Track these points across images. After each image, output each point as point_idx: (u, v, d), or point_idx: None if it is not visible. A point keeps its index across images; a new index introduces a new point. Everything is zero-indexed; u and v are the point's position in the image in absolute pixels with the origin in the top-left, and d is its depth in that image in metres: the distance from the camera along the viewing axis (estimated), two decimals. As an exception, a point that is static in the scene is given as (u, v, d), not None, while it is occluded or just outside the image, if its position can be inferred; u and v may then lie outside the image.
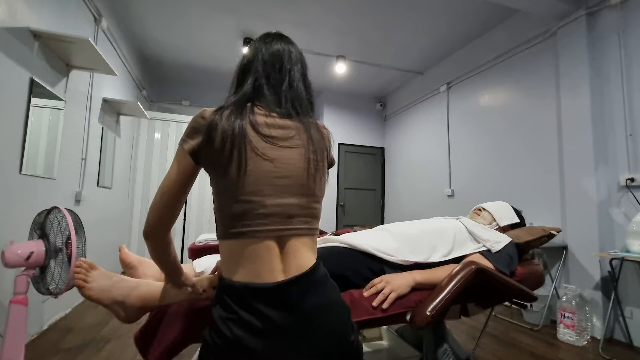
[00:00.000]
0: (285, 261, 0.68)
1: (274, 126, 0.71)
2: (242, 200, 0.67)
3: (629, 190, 2.21)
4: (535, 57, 2.91)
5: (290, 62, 0.78)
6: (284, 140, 0.71)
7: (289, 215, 0.69)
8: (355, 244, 1.11)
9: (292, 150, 0.71)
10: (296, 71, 0.78)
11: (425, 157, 4.37)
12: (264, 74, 0.75)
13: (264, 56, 0.77)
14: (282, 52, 0.78)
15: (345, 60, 4.01)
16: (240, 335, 0.62)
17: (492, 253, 1.20)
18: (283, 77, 0.76)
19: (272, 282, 0.65)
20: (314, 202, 0.74)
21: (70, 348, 1.91)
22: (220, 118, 0.68)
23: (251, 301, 0.64)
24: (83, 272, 0.83)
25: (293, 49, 0.80)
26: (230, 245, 0.68)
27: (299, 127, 0.73)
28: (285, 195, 0.69)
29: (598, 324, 2.24)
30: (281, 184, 0.69)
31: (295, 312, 0.65)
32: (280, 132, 0.71)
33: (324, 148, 0.77)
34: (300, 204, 0.71)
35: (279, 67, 0.76)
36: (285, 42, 0.80)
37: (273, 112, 0.72)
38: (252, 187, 0.67)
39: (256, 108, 0.72)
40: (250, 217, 0.67)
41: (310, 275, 0.69)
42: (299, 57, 0.81)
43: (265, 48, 0.78)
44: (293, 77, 0.77)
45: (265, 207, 0.67)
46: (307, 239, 0.72)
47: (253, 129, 0.68)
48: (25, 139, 1.82)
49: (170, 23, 3.41)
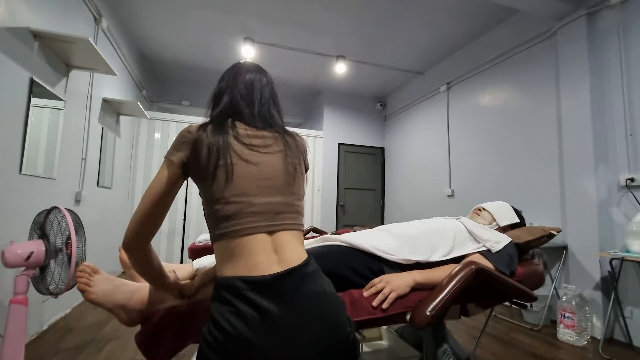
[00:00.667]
0: (279, 253, 0.72)
1: (254, 136, 0.78)
2: (232, 202, 0.71)
3: (629, 190, 2.21)
4: (536, 57, 2.91)
5: (260, 85, 0.87)
6: (264, 147, 0.78)
7: (276, 212, 0.74)
8: (354, 243, 1.11)
9: (272, 156, 0.78)
10: (266, 92, 0.87)
11: (425, 157, 4.38)
12: (238, 93, 0.84)
13: (237, 83, 0.86)
14: (254, 80, 0.87)
15: (345, 60, 4.01)
16: (239, 327, 0.63)
17: (492, 253, 1.20)
18: (255, 97, 0.85)
19: (268, 274, 0.68)
20: (297, 199, 0.80)
21: (70, 348, 1.91)
22: (206, 133, 0.74)
23: (248, 293, 0.66)
24: (86, 277, 0.84)
25: (264, 77, 0.90)
26: (224, 244, 0.71)
27: (275, 137, 0.81)
28: (272, 194, 0.75)
29: (598, 324, 2.24)
30: (266, 185, 0.75)
31: (292, 304, 0.67)
32: (260, 140, 0.78)
33: (300, 153, 0.85)
34: (286, 201, 0.76)
35: (251, 90, 0.86)
36: (257, 72, 0.89)
37: (251, 126, 0.80)
38: (240, 189, 0.72)
39: (237, 122, 0.79)
40: (240, 215, 0.71)
41: (304, 267, 0.72)
42: (269, 82, 0.90)
43: (240, 78, 0.87)
44: (264, 97, 0.86)
45: (254, 206, 0.72)
46: (296, 232, 0.77)
47: (236, 139, 0.75)
48: (25, 139, 1.82)
49: (170, 23, 3.41)
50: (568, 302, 2.22)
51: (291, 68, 4.40)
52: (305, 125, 5.73)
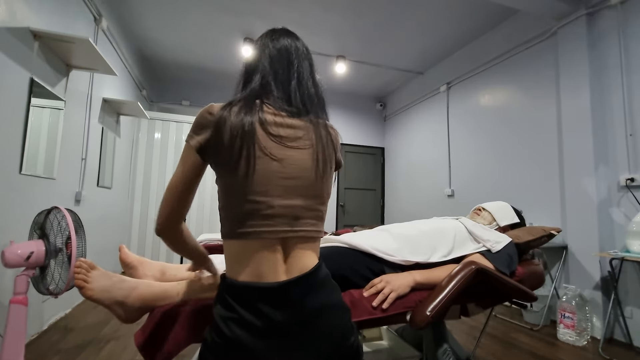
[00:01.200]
0: (288, 262, 0.68)
1: (282, 125, 0.70)
2: (249, 200, 0.66)
3: (629, 190, 2.21)
4: (535, 57, 2.91)
5: (297, 58, 0.76)
6: (292, 140, 0.70)
7: (295, 216, 0.68)
8: (355, 243, 1.11)
9: (300, 151, 0.70)
10: (304, 68, 0.76)
11: (425, 157, 4.37)
12: (271, 71, 0.74)
13: (270, 52, 0.75)
14: (289, 48, 0.76)
15: (345, 60, 4.01)
16: (241, 335, 0.62)
17: (492, 253, 1.20)
18: (291, 74, 0.74)
19: (274, 282, 0.65)
20: (320, 203, 0.73)
21: (70, 348, 1.91)
22: (229, 114, 0.66)
23: (253, 301, 0.64)
24: (83, 273, 0.83)
25: (300, 44, 0.79)
26: (235, 245, 0.68)
27: (307, 127, 0.72)
28: (292, 196, 0.68)
29: (598, 324, 2.24)
30: (288, 185, 0.68)
31: (296, 313, 0.65)
32: (288, 131, 0.70)
33: (332, 149, 0.76)
34: (307, 205, 0.70)
35: (287, 64, 0.75)
36: (292, 38, 0.79)
37: (282, 111, 0.71)
38: (260, 187, 0.66)
39: (265, 106, 0.70)
40: (256, 217, 0.66)
41: (312, 276, 0.69)
42: (307, 54, 0.79)
43: (272, 44, 0.76)
44: (301, 74, 0.75)
45: (272, 208, 0.66)
46: (312, 241, 0.72)
47: (262, 127, 0.67)
48: (25, 139, 1.82)
49: (170, 23, 3.41)
50: (568, 302, 2.22)
51: (291, 68, 4.40)
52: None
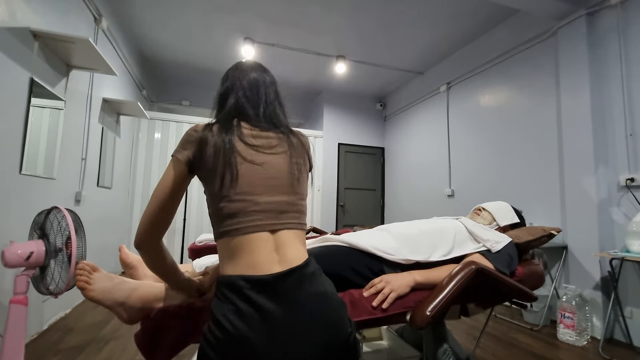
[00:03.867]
0: (280, 252, 0.72)
1: (258, 137, 0.79)
2: (236, 200, 0.72)
3: (629, 190, 2.21)
4: (535, 57, 2.91)
5: (265, 86, 0.88)
6: (269, 148, 0.79)
7: (280, 211, 0.75)
8: (354, 243, 1.11)
9: (276, 156, 0.79)
10: (271, 92, 0.88)
11: (425, 157, 4.38)
12: (244, 97, 0.84)
13: (242, 82, 0.86)
14: (258, 81, 0.88)
15: (345, 60, 4.01)
16: (240, 327, 0.63)
17: (492, 253, 1.20)
18: (260, 99, 0.86)
19: (269, 274, 0.68)
20: (300, 199, 0.81)
21: (70, 348, 1.91)
22: (212, 133, 0.75)
23: (248, 292, 0.66)
24: (85, 274, 0.84)
25: (267, 77, 0.90)
26: (227, 242, 0.72)
27: (280, 137, 0.82)
28: (276, 193, 0.75)
29: (598, 324, 2.24)
30: (271, 184, 0.75)
31: (292, 303, 0.67)
32: (264, 141, 0.79)
33: (304, 152, 0.86)
34: (289, 201, 0.77)
35: (257, 92, 0.86)
36: (260, 72, 0.90)
37: (256, 127, 0.81)
38: (245, 187, 0.73)
39: (242, 123, 0.80)
40: (244, 214, 0.72)
41: (305, 267, 0.72)
42: (272, 83, 0.91)
43: (244, 77, 0.87)
44: (268, 98, 0.87)
45: (258, 204, 0.73)
46: (299, 232, 0.78)
47: (241, 140, 0.76)
48: (25, 139, 1.82)
49: (170, 23, 3.41)
50: (568, 302, 2.22)
51: (291, 68, 4.40)
52: (305, 125, 5.73)
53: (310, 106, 5.73)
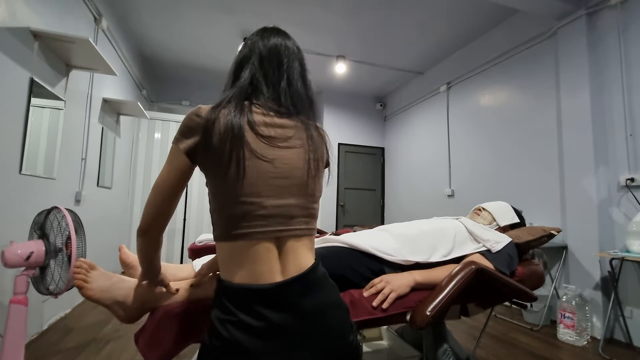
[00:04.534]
0: (283, 262, 0.68)
1: (272, 125, 0.69)
2: (241, 202, 0.65)
3: (629, 190, 2.21)
4: (535, 57, 2.91)
5: (288, 58, 0.75)
6: (283, 140, 0.69)
7: (289, 215, 0.68)
8: (355, 243, 1.11)
9: (291, 151, 0.69)
10: (294, 68, 0.76)
11: (425, 157, 4.37)
12: (261, 70, 0.73)
13: (261, 51, 0.74)
14: (280, 47, 0.75)
15: (345, 60, 4.01)
16: (239, 337, 0.61)
17: (492, 253, 1.20)
18: (281, 74, 0.73)
19: (271, 283, 0.65)
20: (312, 202, 0.74)
21: (70, 348, 1.91)
22: (217, 117, 0.66)
23: (250, 303, 0.63)
24: (83, 273, 0.82)
25: (291, 44, 0.78)
26: (229, 247, 0.67)
27: (297, 126, 0.72)
28: (285, 195, 0.68)
29: (598, 324, 2.24)
30: (280, 185, 0.68)
31: (294, 313, 0.65)
32: (279, 131, 0.69)
33: (323, 148, 0.77)
34: (300, 204, 0.70)
35: (277, 64, 0.74)
36: (283, 37, 0.78)
37: (271, 111, 0.70)
38: (251, 188, 0.65)
39: (254, 107, 0.70)
40: (249, 218, 0.65)
41: (308, 275, 0.68)
42: (297, 54, 0.78)
43: (263, 43, 0.75)
44: (291, 74, 0.75)
45: (265, 209, 0.66)
46: (306, 239, 0.72)
47: (251, 129, 0.66)
48: (25, 139, 1.82)
49: (170, 23, 3.41)
50: (568, 302, 2.22)
51: (291, 68, 4.40)
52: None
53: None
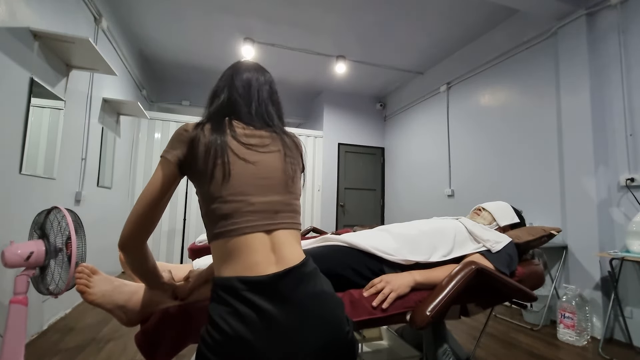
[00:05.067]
0: (277, 252, 0.71)
1: (252, 136, 0.78)
2: (230, 200, 0.71)
3: (629, 190, 2.21)
4: (535, 57, 2.91)
5: (258, 85, 0.86)
6: (262, 147, 0.78)
7: (274, 211, 0.74)
8: (354, 243, 1.11)
9: (270, 155, 0.77)
10: (264, 91, 0.87)
11: (425, 157, 4.38)
12: (236, 93, 0.84)
13: (235, 81, 0.85)
14: (251, 79, 0.86)
15: (345, 60, 4.01)
16: (238, 328, 0.63)
17: (492, 253, 1.20)
18: (252, 96, 0.84)
19: (266, 275, 0.67)
20: (294, 199, 0.80)
21: (70, 348, 1.91)
22: (203, 132, 0.74)
23: (246, 293, 0.65)
24: (85, 278, 0.83)
25: (261, 76, 0.89)
26: (222, 244, 0.71)
27: (273, 136, 0.81)
28: (269, 193, 0.74)
29: (598, 324, 2.24)
30: (264, 184, 0.74)
31: (290, 304, 0.66)
32: (257, 140, 0.78)
33: (298, 153, 0.86)
34: (283, 200, 0.76)
35: (249, 89, 0.85)
36: (255, 72, 0.89)
37: (250, 125, 0.80)
38: (238, 188, 0.71)
39: (234, 122, 0.79)
40: (238, 215, 0.71)
41: (302, 267, 0.71)
42: (267, 81, 0.89)
43: (238, 77, 0.86)
44: (261, 96, 0.86)
45: (252, 205, 0.72)
46: (294, 231, 0.77)
47: (234, 138, 0.75)
48: (25, 139, 1.82)
49: (170, 23, 3.41)
50: (568, 302, 2.22)
51: (291, 68, 4.40)
52: (305, 125, 5.73)
53: (310, 106, 5.73)
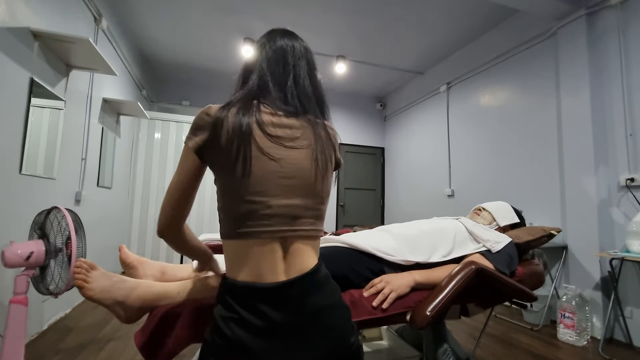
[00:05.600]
0: (287, 262, 0.68)
1: (280, 125, 0.70)
2: (247, 201, 0.66)
3: (629, 190, 2.21)
4: (535, 57, 2.91)
5: (294, 58, 0.77)
6: (290, 140, 0.70)
7: (294, 216, 0.68)
8: (354, 243, 1.11)
9: (298, 151, 0.70)
10: (301, 67, 0.77)
11: (425, 157, 4.37)
12: (268, 71, 0.75)
13: (267, 53, 0.76)
14: (286, 48, 0.77)
15: (345, 60, 4.01)
16: (241, 335, 0.62)
17: (492, 253, 1.20)
18: (287, 73, 0.75)
19: (274, 283, 0.65)
20: (319, 203, 0.73)
21: (70, 348, 1.91)
22: (227, 115, 0.67)
23: (253, 301, 0.64)
24: (83, 273, 0.82)
25: (298, 44, 0.79)
26: (234, 245, 0.68)
27: (305, 127, 0.72)
28: (291, 195, 0.68)
29: (598, 324, 2.24)
30: (287, 184, 0.68)
31: (296, 313, 0.65)
32: (286, 131, 0.70)
33: (331, 148, 0.77)
34: (306, 205, 0.70)
35: (283, 64, 0.76)
36: (289, 38, 0.79)
37: (279, 111, 0.71)
38: (258, 187, 0.66)
39: (262, 106, 0.71)
40: (254, 217, 0.66)
41: (311, 276, 0.69)
42: (304, 53, 0.80)
43: (269, 45, 0.77)
44: (298, 73, 0.76)
45: (270, 208, 0.66)
46: (311, 240, 0.72)
47: (259, 127, 0.67)
48: (25, 139, 1.82)
49: (170, 23, 3.41)
50: (568, 302, 2.22)
51: (291, 68, 4.40)
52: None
53: (310, 106, 5.73)
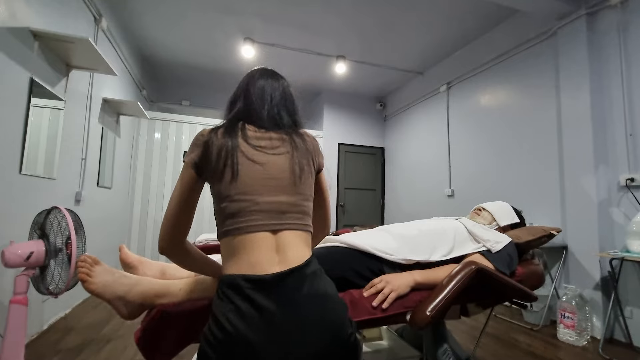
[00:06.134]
0: (281, 253, 0.72)
1: (262, 138, 0.81)
2: (237, 200, 0.73)
3: (629, 190, 2.21)
4: (535, 57, 2.91)
5: (271, 90, 0.89)
6: (271, 149, 0.80)
7: (281, 211, 0.75)
8: (354, 243, 1.11)
9: (278, 157, 0.79)
10: (277, 94, 0.89)
11: (425, 157, 4.37)
12: (251, 100, 0.86)
13: (250, 88, 0.88)
14: (265, 85, 0.89)
15: (345, 60, 4.01)
16: (239, 326, 0.64)
17: (492, 253, 1.20)
18: (265, 101, 0.87)
19: (269, 274, 0.68)
20: (304, 200, 0.80)
21: (70, 348, 1.91)
22: (216, 135, 0.78)
23: (248, 292, 0.66)
24: (87, 267, 0.86)
25: (275, 82, 0.91)
26: (228, 241, 0.73)
27: (283, 138, 0.83)
28: (276, 193, 0.76)
29: (598, 324, 2.24)
30: (272, 184, 0.76)
31: (292, 304, 0.67)
32: (267, 142, 0.80)
33: (309, 153, 0.86)
34: (291, 201, 0.77)
35: (262, 94, 0.88)
36: (268, 78, 0.91)
37: (261, 128, 0.83)
38: (246, 187, 0.74)
39: (247, 125, 0.82)
40: (245, 213, 0.73)
41: (305, 268, 0.72)
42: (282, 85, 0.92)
43: (252, 83, 0.89)
44: (274, 99, 0.88)
45: (258, 205, 0.74)
46: (301, 232, 0.78)
47: (244, 140, 0.78)
48: (25, 139, 1.82)
49: (170, 23, 3.41)
50: (568, 302, 2.22)
51: (291, 68, 4.39)
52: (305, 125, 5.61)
53: (310, 106, 5.73)
